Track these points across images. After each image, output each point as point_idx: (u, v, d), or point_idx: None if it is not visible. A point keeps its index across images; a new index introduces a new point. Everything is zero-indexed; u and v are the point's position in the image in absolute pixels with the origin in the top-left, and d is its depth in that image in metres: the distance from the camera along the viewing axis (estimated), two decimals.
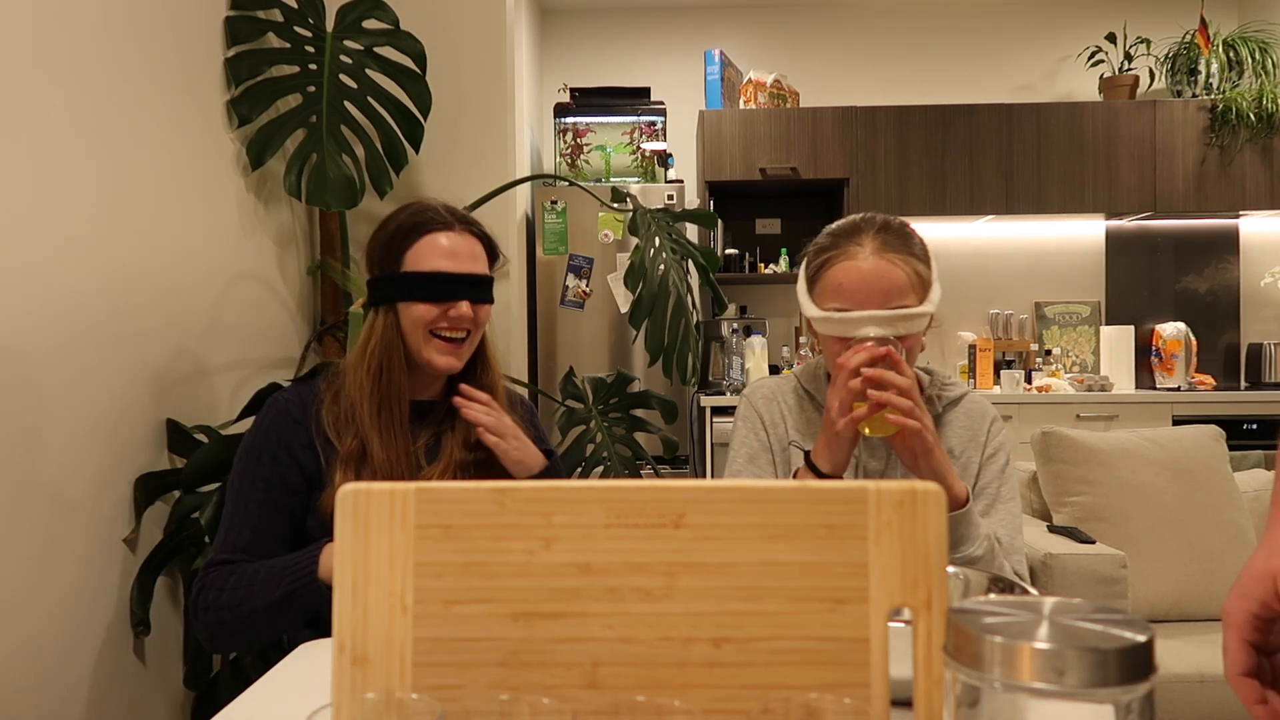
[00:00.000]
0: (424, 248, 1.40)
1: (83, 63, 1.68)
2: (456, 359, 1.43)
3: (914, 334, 1.35)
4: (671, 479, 0.88)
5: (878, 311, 1.32)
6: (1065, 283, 4.88)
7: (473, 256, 1.43)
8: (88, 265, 1.68)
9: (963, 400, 1.50)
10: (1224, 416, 4.10)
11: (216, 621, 1.29)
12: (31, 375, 1.54)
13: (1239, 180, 4.40)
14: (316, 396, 1.42)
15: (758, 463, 1.51)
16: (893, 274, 1.34)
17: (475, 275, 1.42)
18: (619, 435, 2.52)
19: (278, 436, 1.38)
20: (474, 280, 1.42)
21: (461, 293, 1.40)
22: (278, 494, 1.36)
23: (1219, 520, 2.35)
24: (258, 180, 2.35)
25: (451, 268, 1.40)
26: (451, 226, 1.43)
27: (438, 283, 1.39)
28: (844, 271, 1.36)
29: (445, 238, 1.41)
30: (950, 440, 1.46)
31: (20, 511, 1.51)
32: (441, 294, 1.39)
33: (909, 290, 1.34)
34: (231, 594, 1.28)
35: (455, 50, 2.85)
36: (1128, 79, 4.61)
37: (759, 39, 4.98)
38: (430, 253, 1.40)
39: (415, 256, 1.40)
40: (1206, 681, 2.05)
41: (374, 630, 0.64)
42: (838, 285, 1.36)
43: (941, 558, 0.64)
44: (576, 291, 4.09)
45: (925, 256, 1.39)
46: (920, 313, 1.33)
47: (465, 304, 1.40)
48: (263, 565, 1.30)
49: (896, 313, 1.32)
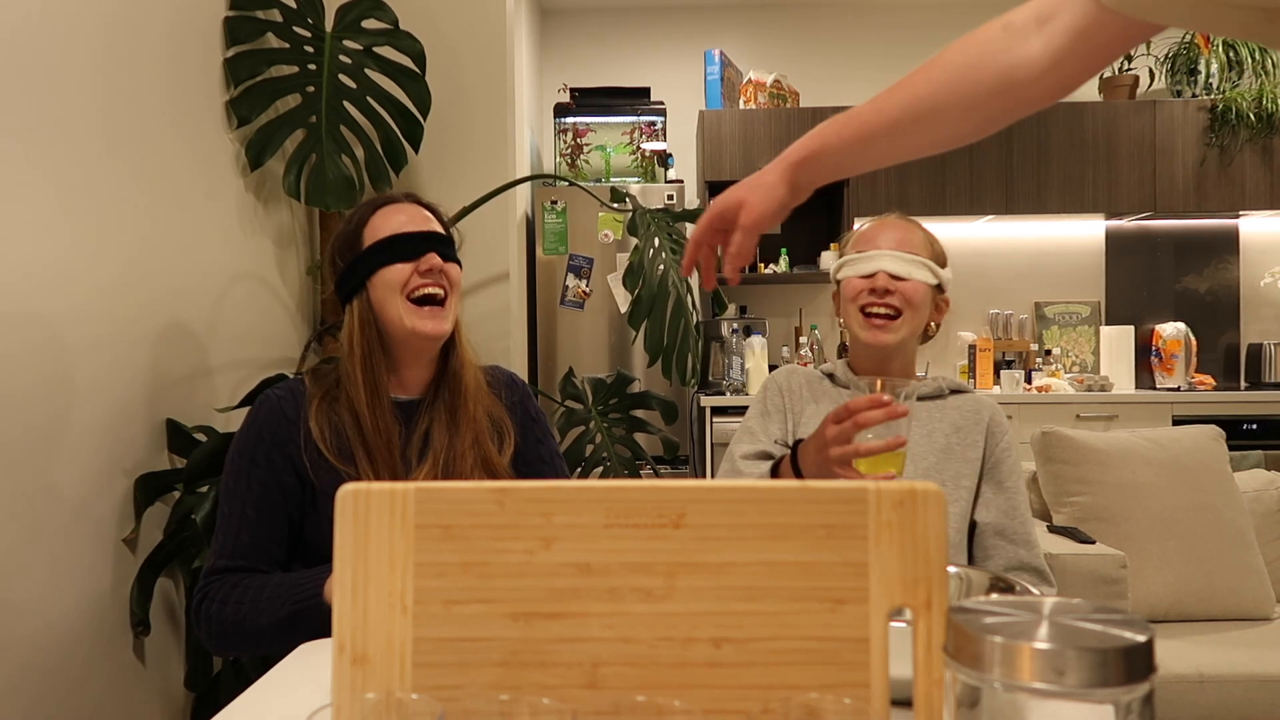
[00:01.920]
0: (379, 220, 1.42)
1: (82, 63, 1.68)
2: (442, 320, 1.41)
3: (920, 281, 1.48)
4: (672, 479, 0.88)
5: (892, 251, 1.49)
6: (1065, 283, 4.88)
7: (428, 220, 1.45)
8: (86, 266, 1.68)
9: (967, 393, 1.62)
10: (1224, 417, 4.11)
11: (220, 633, 1.28)
12: (31, 375, 1.53)
13: (1239, 180, 4.40)
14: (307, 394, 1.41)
15: (769, 417, 1.61)
16: (911, 230, 1.54)
17: (434, 232, 1.43)
18: (619, 436, 2.52)
19: (271, 436, 1.36)
20: (434, 236, 1.42)
21: (426, 246, 1.40)
22: (274, 495, 1.34)
23: (1219, 520, 2.36)
24: (257, 180, 2.35)
25: (410, 228, 1.41)
26: (402, 202, 1.45)
27: (402, 242, 1.39)
28: (868, 230, 1.58)
29: (397, 210, 1.43)
30: (952, 418, 1.56)
31: (20, 511, 1.51)
32: (408, 251, 1.39)
33: (922, 248, 1.52)
34: (235, 608, 1.27)
35: (455, 50, 2.85)
36: (1127, 79, 4.61)
37: (759, 39, 4.98)
38: (386, 222, 1.41)
39: (372, 230, 1.41)
40: (1206, 681, 2.05)
41: (374, 630, 0.64)
42: (861, 237, 1.57)
43: (942, 557, 0.64)
44: (576, 292, 4.09)
45: (941, 249, 1.58)
46: (929, 264, 1.50)
47: (434, 255, 1.40)
48: (269, 580, 1.28)
49: (908, 255, 1.49)
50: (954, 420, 1.56)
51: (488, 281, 2.90)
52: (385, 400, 1.40)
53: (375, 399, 1.39)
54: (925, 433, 1.55)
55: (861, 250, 1.53)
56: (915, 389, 1.31)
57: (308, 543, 1.38)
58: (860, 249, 1.54)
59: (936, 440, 1.54)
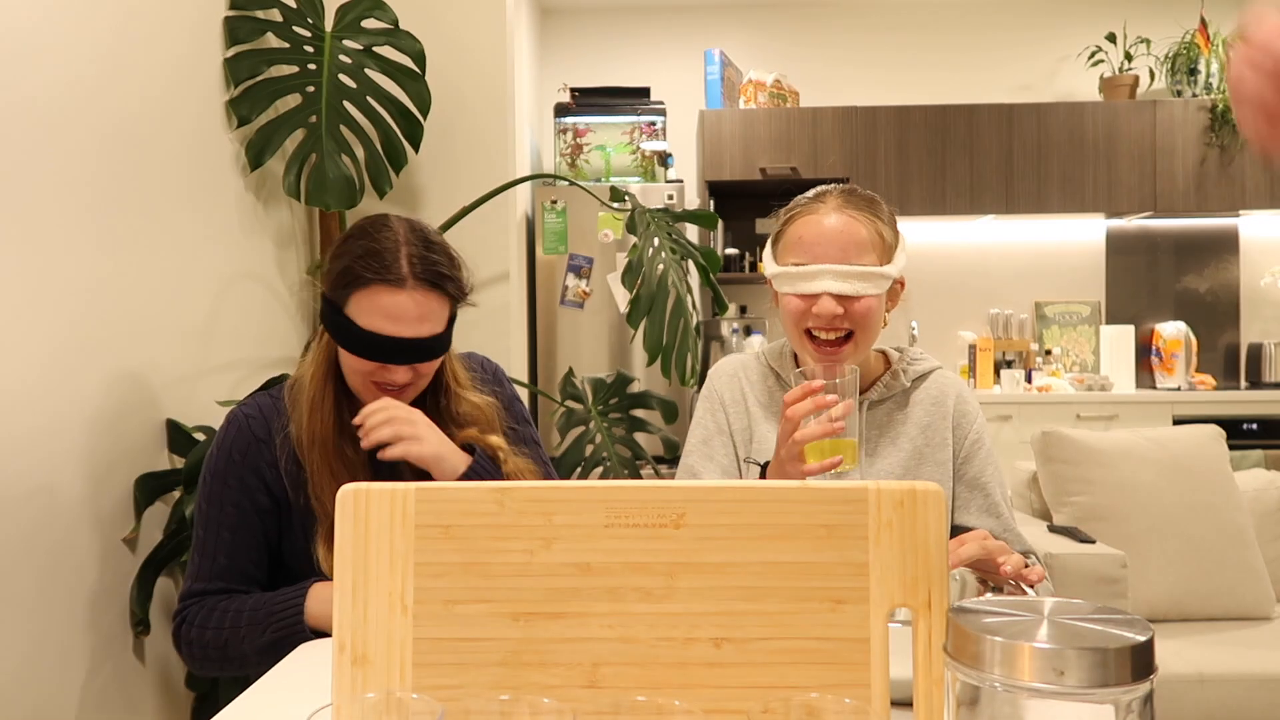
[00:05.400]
0: (366, 303, 1.26)
1: (82, 63, 1.68)
2: (402, 402, 1.33)
3: (871, 295, 1.31)
4: (672, 479, 0.87)
5: (835, 265, 1.29)
6: (1065, 282, 4.88)
7: (420, 318, 1.28)
8: (86, 265, 1.68)
9: (931, 375, 1.47)
10: (1224, 416, 4.10)
11: (202, 656, 1.28)
12: (31, 375, 1.53)
13: (1239, 180, 4.40)
14: (280, 412, 1.36)
15: (711, 445, 1.48)
16: (853, 229, 1.32)
17: (418, 339, 1.28)
18: (619, 436, 2.52)
19: (241, 458, 1.32)
20: (416, 344, 1.28)
21: (399, 358, 1.27)
22: (249, 517, 1.31)
23: (1219, 520, 2.35)
24: (257, 180, 2.35)
25: (392, 331, 1.26)
26: (403, 283, 1.26)
27: (374, 344, 1.26)
28: (804, 225, 1.35)
29: (389, 297, 1.26)
30: (917, 417, 1.44)
31: (20, 512, 1.51)
32: (377, 355, 1.27)
33: (870, 249, 1.32)
34: (215, 633, 1.25)
35: (455, 50, 2.84)
36: (1128, 79, 4.61)
37: (759, 39, 4.98)
38: (372, 311, 1.26)
39: (356, 308, 1.27)
40: (1206, 681, 2.05)
41: (374, 630, 0.64)
42: (798, 239, 1.35)
43: (942, 557, 0.64)
44: (576, 291, 4.09)
45: (891, 222, 1.38)
46: (880, 272, 1.30)
47: (401, 370, 1.29)
48: (247, 602, 1.26)
49: (854, 268, 1.29)
50: (920, 420, 1.43)
51: (487, 281, 2.90)
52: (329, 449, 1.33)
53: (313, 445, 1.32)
54: (891, 440, 1.43)
55: (799, 260, 1.33)
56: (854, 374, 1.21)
57: (285, 563, 1.36)
58: (798, 257, 1.33)
59: (903, 447, 1.42)
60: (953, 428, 1.44)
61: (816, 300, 1.30)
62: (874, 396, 1.44)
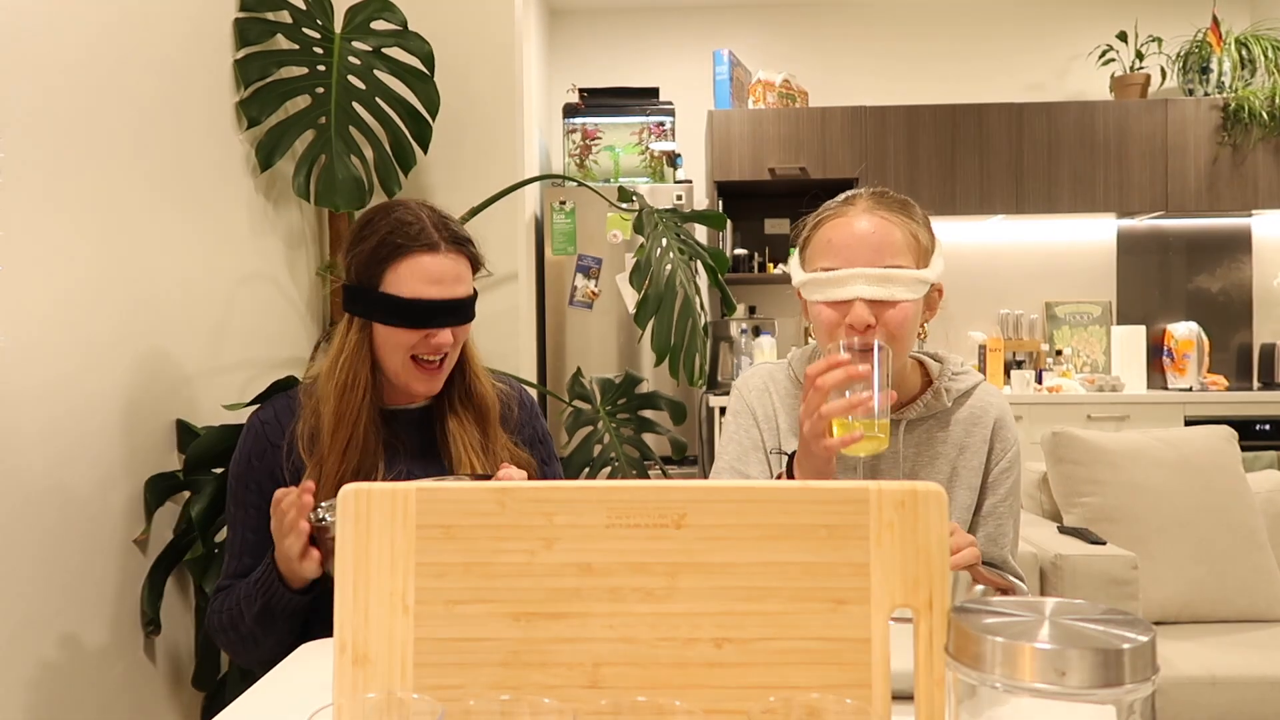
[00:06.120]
0: (406, 271, 1.30)
1: (93, 66, 1.69)
2: (436, 383, 1.37)
3: (907, 301, 1.22)
4: (674, 479, 0.87)
5: (867, 269, 1.20)
6: (1076, 282, 4.85)
7: (457, 279, 1.34)
8: (97, 265, 1.69)
9: (974, 392, 1.41)
10: (1236, 417, 4.08)
11: (227, 644, 1.36)
12: (40, 375, 1.54)
13: (1251, 179, 4.37)
14: (295, 414, 1.39)
15: (746, 461, 1.42)
16: (887, 230, 1.23)
17: (458, 300, 1.33)
18: (627, 436, 2.52)
19: (259, 463, 1.38)
20: (456, 305, 1.33)
21: (443, 320, 1.31)
22: (267, 518, 1.33)
23: (1231, 522, 2.34)
24: (267, 181, 2.36)
25: (435, 294, 1.30)
26: (437, 247, 1.32)
27: (419, 310, 1.30)
28: (834, 228, 1.26)
29: (430, 260, 1.31)
30: (956, 436, 1.38)
31: (31, 512, 1.52)
32: (423, 321, 1.30)
33: (905, 251, 1.23)
34: (228, 615, 1.33)
35: (464, 51, 2.85)
36: (1139, 78, 4.58)
37: (768, 39, 4.98)
38: (412, 277, 1.30)
39: (396, 279, 1.30)
40: (1218, 683, 2.04)
41: (375, 630, 0.64)
42: (827, 242, 1.26)
43: (943, 558, 0.63)
44: (585, 292, 4.10)
45: (926, 224, 1.29)
46: (916, 275, 1.22)
47: (447, 331, 1.33)
48: (244, 583, 1.33)
49: (888, 271, 1.20)
50: (958, 439, 1.38)
51: (496, 282, 2.91)
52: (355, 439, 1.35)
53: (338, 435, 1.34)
54: (929, 459, 1.37)
55: (829, 265, 1.24)
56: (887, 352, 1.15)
57: None
58: (827, 262, 1.25)
59: (941, 468, 1.37)
60: (988, 451, 1.39)
61: (849, 308, 1.21)
62: (913, 415, 1.36)
